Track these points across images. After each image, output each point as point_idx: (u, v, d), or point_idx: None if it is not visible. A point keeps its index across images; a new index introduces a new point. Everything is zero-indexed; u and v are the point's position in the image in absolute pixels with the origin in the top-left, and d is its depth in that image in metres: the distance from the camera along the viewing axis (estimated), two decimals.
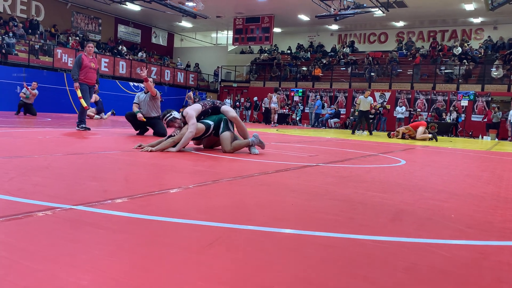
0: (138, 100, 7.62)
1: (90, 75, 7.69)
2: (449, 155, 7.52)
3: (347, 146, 8.15)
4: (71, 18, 24.09)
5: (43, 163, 3.52)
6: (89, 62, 7.71)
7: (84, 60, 7.63)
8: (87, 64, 7.64)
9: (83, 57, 7.65)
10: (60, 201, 2.20)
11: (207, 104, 5.38)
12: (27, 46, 18.51)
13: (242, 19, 25.47)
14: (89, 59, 7.73)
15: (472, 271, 1.57)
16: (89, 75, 7.68)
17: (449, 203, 2.84)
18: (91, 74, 7.72)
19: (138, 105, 7.55)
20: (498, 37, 23.52)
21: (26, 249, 1.49)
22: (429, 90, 21.69)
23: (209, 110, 5.35)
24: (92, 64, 7.73)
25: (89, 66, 7.67)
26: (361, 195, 2.95)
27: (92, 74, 7.73)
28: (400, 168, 4.83)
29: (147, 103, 7.45)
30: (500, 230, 2.20)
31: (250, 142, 5.29)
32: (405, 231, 2.07)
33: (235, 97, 26.37)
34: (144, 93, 7.58)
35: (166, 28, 29.94)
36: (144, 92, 7.59)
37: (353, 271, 1.49)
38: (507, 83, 20.31)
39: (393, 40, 26.77)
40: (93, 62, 7.78)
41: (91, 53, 7.85)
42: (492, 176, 4.62)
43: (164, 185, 2.85)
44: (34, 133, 6.78)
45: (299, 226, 2.06)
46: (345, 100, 23.46)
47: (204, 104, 5.36)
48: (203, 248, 1.62)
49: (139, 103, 7.57)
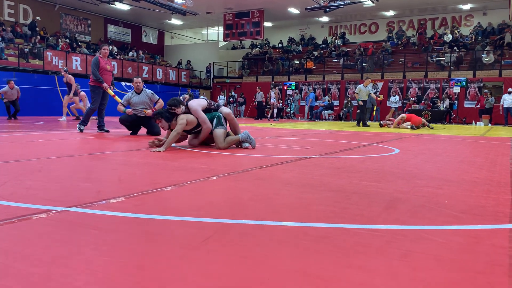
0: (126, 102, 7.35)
1: (106, 77, 7.73)
2: (443, 142, 7.55)
3: (341, 138, 8.16)
4: (60, 20, 23.90)
5: (36, 167, 3.51)
6: (105, 64, 7.78)
7: (101, 62, 7.70)
8: (103, 66, 7.70)
9: (100, 59, 7.71)
10: (54, 204, 2.19)
11: (213, 104, 5.57)
12: (16, 50, 18.36)
13: (232, 15, 25.37)
14: (105, 62, 7.80)
15: (466, 255, 1.58)
16: (105, 77, 7.72)
17: (442, 190, 2.85)
18: (107, 76, 7.77)
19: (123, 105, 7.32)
20: (487, 22, 23.59)
21: (20, 253, 1.49)
22: (421, 79, 21.75)
23: (212, 110, 5.50)
24: (108, 66, 7.81)
25: (105, 68, 7.73)
26: (355, 185, 2.96)
27: (108, 76, 7.79)
28: (394, 157, 4.85)
29: (144, 103, 7.31)
30: (493, 214, 2.22)
31: (240, 138, 5.33)
32: (399, 219, 2.09)
33: (228, 93, 26.32)
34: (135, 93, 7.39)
35: (156, 26, 29.77)
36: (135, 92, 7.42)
37: (348, 261, 1.50)
38: (498, 69, 20.41)
39: (384, 30, 26.77)
40: (108, 64, 7.86)
41: (106, 55, 7.91)
42: (485, 161, 4.65)
43: (158, 184, 2.85)
44: (26, 137, 6.74)
45: (294, 219, 2.07)
46: (338, 92, 23.47)
47: (210, 103, 5.53)
48: (198, 244, 1.62)
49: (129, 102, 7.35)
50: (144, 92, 7.35)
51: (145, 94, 7.35)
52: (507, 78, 19.80)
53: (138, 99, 7.30)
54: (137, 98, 7.30)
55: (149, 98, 7.34)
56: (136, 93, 7.36)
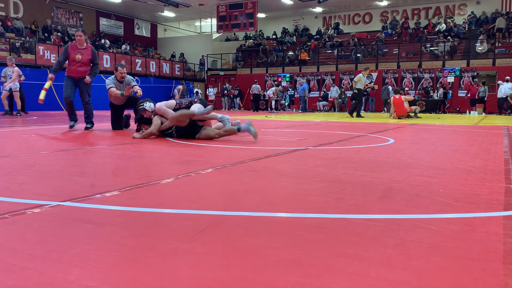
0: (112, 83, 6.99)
1: (73, 68, 6.93)
2: (437, 131, 7.57)
3: (336, 128, 8.17)
4: (51, 13, 23.65)
5: (29, 161, 3.48)
6: (75, 53, 6.92)
7: (70, 51, 6.94)
8: (72, 56, 6.93)
9: (69, 48, 6.97)
10: (47, 198, 2.18)
11: (183, 103, 5.61)
12: (7, 44, 18.16)
13: (225, 6, 25.19)
14: (75, 51, 6.94)
15: (460, 243, 1.59)
16: (72, 68, 6.93)
17: (437, 179, 2.86)
18: (75, 67, 6.93)
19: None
20: (481, 11, 23.61)
21: (13, 248, 1.48)
22: (416, 68, 21.77)
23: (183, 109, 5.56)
24: (78, 56, 6.90)
25: (73, 59, 6.92)
26: (350, 175, 2.96)
27: (76, 68, 6.91)
28: (389, 147, 4.86)
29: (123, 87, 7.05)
30: (487, 202, 2.23)
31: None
32: (394, 208, 2.09)
33: (222, 85, 26.23)
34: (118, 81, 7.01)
35: (148, 19, 29.53)
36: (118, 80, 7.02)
37: (343, 250, 1.50)
38: (491, 57, 20.46)
39: (378, 20, 26.72)
40: (80, 53, 6.92)
41: (81, 43, 6.97)
42: (480, 149, 4.67)
43: (152, 177, 2.83)
44: (19, 131, 6.69)
45: (289, 209, 2.07)
46: (332, 82, 23.45)
47: (180, 103, 5.62)
48: (194, 236, 1.61)
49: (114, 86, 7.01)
50: (125, 81, 7.10)
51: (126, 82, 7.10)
52: (500, 67, 19.86)
53: (120, 88, 7.02)
54: (120, 86, 7.03)
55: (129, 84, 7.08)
56: (119, 82, 7.06)
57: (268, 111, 21.38)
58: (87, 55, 6.99)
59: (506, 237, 1.64)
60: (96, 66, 7.15)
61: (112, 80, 7.01)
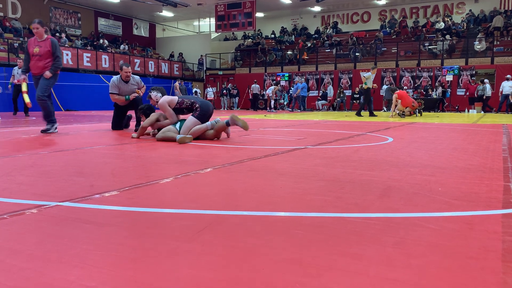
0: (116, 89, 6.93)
1: (32, 62, 6.22)
2: (436, 130, 7.58)
3: (335, 128, 8.17)
4: (49, 13, 23.61)
5: (28, 162, 3.48)
6: (33, 47, 6.20)
7: (29, 45, 6.28)
8: (30, 50, 6.24)
9: (28, 44, 6.32)
10: (46, 199, 2.18)
11: (184, 102, 5.52)
12: (5, 45, 18.13)
13: (223, 6, 25.17)
14: (34, 44, 6.23)
15: (459, 241, 1.59)
16: (32, 63, 6.23)
17: (436, 177, 2.86)
18: (34, 62, 6.21)
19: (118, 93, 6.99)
20: (479, 10, 23.62)
21: (12, 248, 1.48)
22: (414, 67, 21.77)
23: (184, 110, 5.54)
24: (36, 49, 6.18)
25: (31, 53, 6.23)
26: (349, 174, 2.96)
27: (35, 62, 6.21)
28: (388, 146, 4.86)
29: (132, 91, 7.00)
30: (486, 200, 2.23)
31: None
32: (393, 207, 2.09)
33: (221, 85, 26.21)
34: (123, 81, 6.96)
35: (147, 19, 29.49)
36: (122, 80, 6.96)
37: (343, 249, 1.50)
38: (490, 56, 20.47)
39: (376, 18, 26.72)
40: (38, 46, 6.20)
41: (39, 35, 6.23)
42: (478, 148, 4.67)
43: (151, 177, 2.83)
44: (18, 132, 6.68)
45: (288, 209, 2.07)
46: (331, 81, 23.44)
47: (181, 102, 5.52)
48: (193, 236, 1.62)
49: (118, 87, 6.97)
50: (132, 80, 7.05)
51: (133, 82, 7.07)
52: (499, 65, 19.87)
53: (126, 88, 7.00)
54: (126, 86, 6.99)
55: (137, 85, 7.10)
56: (124, 81, 6.99)
57: (267, 111, 21.38)
58: (45, 47, 6.20)
59: (504, 235, 1.65)
60: (57, 59, 6.29)
61: (116, 82, 6.92)
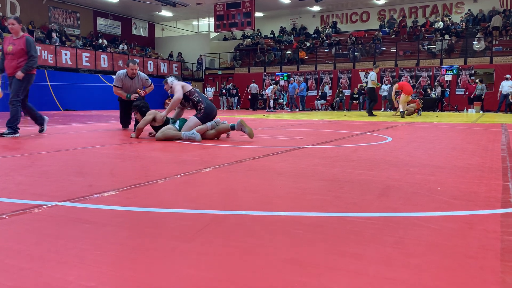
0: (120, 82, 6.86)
1: (6, 62, 5.79)
2: (435, 130, 7.58)
3: (334, 127, 8.17)
4: (48, 13, 23.58)
5: (27, 162, 3.47)
6: (7, 45, 5.80)
7: (3, 44, 5.92)
8: (4, 48, 5.83)
9: (4, 40, 6.00)
10: (45, 199, 2.17)
11: (194, 96, 5.54)
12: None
13: (222, 5, 25.15)
14: (9, 41, 5.83)
15: (458, 241, 1.59)
16: (6, 63, 5.79)
17: (435, 176, 2.87)
18: (7, 61, 5.77)
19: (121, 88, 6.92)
20: (478, 9, 23.63)
21: (11, 249, 1.47)
22: (413, 67, 21.78)
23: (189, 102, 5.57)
24: (9, 47, 5.75)
25: (5, 51, 5.81)
26: (348, 174, 2.96)
27: (7, 62, 5.76)
28: (387, 145, 4.87)
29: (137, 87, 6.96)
30: (485, 199, 2.23)
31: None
32: (392, 206, 2.09)
33: (221, 84, 26.19)
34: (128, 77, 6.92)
35: (146, 18, 29.46)
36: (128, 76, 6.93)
37: (342, 249, 1.50)
38: (489, 55, 20.48)
39: (375, 18, 26.73)
40: (12, 44, 5.76)
41: (15, 32, 5.77)
42: (477, 147, 4.67)
43: (150, 177, 2.83)
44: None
45: (288, 208, 2.07)
46: (330, 81, 23.44)
47: (192, 93, 5.56)
48: (192, 236, 1.61)
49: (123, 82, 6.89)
50: (137, 77, 7.00)
51: (139, 79, 7.02)
52: (497, 65, 19.89)
53: (131, 84, 6.95)
54: (130, 82, 6.96)
55: (142, 83, 7.06)
56: (129, 77, 6.93)
57: (266, 110, 21.38)
58: (19, 45, 5.71)
59: (503, 235, 1.65)
60: (32, 58, 5.77)
61: (122, 77, 6.89)
